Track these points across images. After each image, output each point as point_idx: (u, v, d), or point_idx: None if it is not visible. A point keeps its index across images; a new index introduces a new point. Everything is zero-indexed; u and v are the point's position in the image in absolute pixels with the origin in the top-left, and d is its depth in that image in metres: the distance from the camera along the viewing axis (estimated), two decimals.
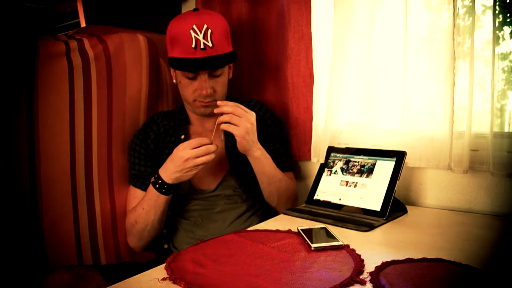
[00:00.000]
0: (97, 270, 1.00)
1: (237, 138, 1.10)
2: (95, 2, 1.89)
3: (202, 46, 1.12)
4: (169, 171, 1.09)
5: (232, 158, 1.24)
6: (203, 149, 1.06)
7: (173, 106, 1.48)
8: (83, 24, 1.92)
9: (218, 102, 1.12)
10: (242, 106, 1.11)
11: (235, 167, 1.24)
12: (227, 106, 1.10)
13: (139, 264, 1.16)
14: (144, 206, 1.15)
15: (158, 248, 1.27)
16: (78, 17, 1.96)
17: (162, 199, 1.13)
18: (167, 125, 1.28)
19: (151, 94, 1.37)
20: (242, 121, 1.09)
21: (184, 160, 1.05)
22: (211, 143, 1.07)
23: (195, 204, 1.23)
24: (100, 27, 1.51)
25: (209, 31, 1.13)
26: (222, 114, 1.10)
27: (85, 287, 0.95)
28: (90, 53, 1.24)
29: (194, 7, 1.47)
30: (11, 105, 1.11)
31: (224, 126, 1.10)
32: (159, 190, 1.11)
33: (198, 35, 1.12)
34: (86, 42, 1.25)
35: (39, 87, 1.14)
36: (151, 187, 1.13)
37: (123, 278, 0.74)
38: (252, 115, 1.11)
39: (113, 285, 0.71)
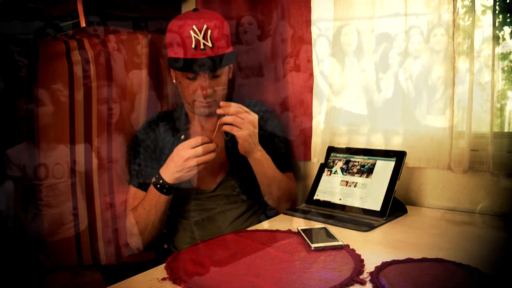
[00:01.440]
0: (97, 270, 1.00)
1: (239, 140, 1.10)
2: (95, 2, 1.89)
3: (202, 47, 1.12)
4: (170, 171, 1.09)
5: (232, 159, 1.24)
6: (202, 148, 1.06)
7: (173, 106, 1.48)
8: (83, 24, 1.92)
9: (221, 103, 1.12)
10: (245, 108, 1.11)
11: (235, 168, 1.24)
12: (230, 108, 1.10)
13: (139, 264, 1.16)
14: (145, 206, 1.15)
15: (158, 248, 1.27)
16: (78, 17, 1.95)
17: (163, 199, 1.13)
18: (167, 125, 1.28)
19: (151, 94, 1.37)
20: (244, 123, 1.09)
21: (184, 159, 1.05)
22: (210, 142, 1.07)
23: (195, 204, 1.23)
24: (100, 27, 1.51)
25: (209, 31, 1.13)
26: (224, 114, 1.10)
27: (85, 287, 0.95)
28: (90, 53, 1.24)
29: (194, 7, 1.47)
30: (11, 105, 1.11)
31: (226, 128, 1.10)
32: (160, 190, 1.11)
33: (198, 35, 1.12)
34: (86, 42, 1.25)
35: (39, 87, 1.14)
36: (152, 187, 1.13)
37: (123, 278, 0.74)
38: (254, 117, 1.12)
39: (113, 285, 0.71)
